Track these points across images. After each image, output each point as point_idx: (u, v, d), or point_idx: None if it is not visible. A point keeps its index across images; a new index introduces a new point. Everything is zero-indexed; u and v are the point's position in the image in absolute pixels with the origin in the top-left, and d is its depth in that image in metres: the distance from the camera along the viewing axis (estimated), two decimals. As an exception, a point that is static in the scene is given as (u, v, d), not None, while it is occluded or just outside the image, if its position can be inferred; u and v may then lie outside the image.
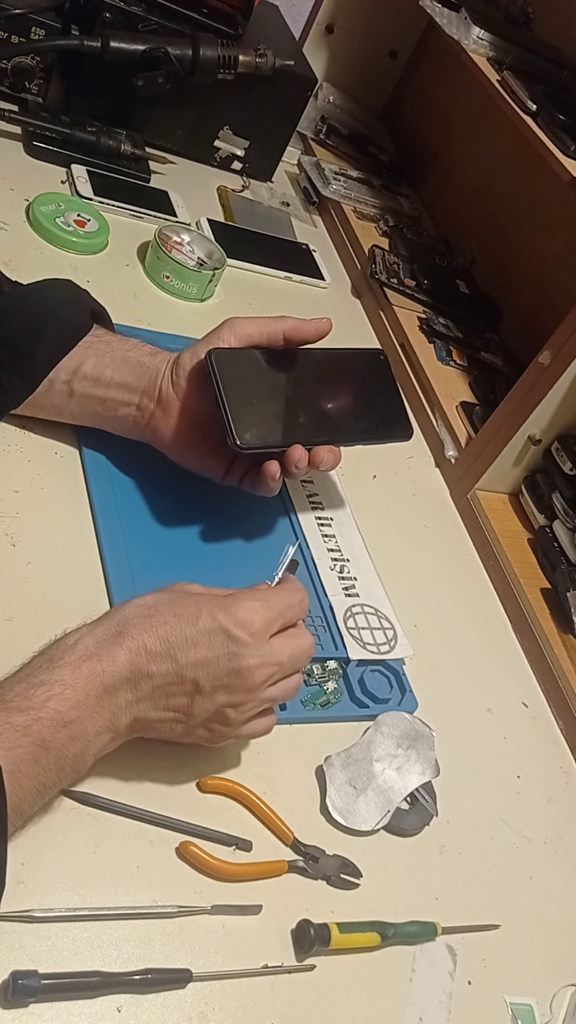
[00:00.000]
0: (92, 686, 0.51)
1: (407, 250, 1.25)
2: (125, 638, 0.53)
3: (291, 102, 1.20)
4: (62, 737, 0.50)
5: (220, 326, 0.72)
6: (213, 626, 0.54)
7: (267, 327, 0.72)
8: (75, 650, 0.52)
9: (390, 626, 0.76)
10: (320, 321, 0.74)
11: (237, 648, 0.55)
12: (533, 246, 1.21)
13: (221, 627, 0.55)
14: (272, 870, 0.59)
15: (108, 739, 0.53)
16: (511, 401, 0.93)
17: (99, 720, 0.52)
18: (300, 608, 0.60)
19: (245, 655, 0.55)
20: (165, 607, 0.55)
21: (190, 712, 0.55)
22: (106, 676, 0.52)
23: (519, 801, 0.73)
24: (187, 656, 0.54)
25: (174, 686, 0.54)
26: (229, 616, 0.55)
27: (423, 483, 0.98)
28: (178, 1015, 0.51)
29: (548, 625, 0.86)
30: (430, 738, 0.70)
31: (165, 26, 1.06)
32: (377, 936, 0.58)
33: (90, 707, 0.51)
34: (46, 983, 0.48)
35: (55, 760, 0.50)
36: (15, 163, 1.03)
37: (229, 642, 0.55)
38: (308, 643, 0.60)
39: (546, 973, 0.64)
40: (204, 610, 0.55)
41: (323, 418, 0.76)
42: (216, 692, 0.55)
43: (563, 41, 1.21)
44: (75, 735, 0.50)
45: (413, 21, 1.40)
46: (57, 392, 0.70)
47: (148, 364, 0.71)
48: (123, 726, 0.54)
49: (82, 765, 0.52)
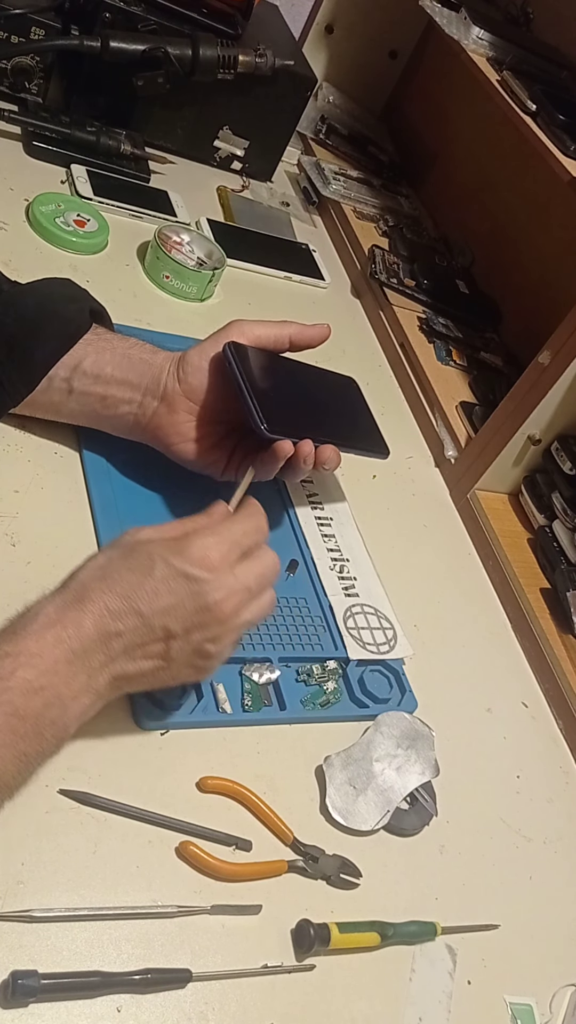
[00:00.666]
0: (59, 652, 0.51)
1: (407, 250, 1.25)
2: (86, 602, 0.53)
3: (291, 102, 1.20)
4: (36, 704, 0.50)
5: (227, 327, 0.72)
6: (169, 572, 0.54)
7: (273, 330, 0.73)
8: (37, 619, 0.52)
9: (390, 626, 0.76)
10: (321, 327, 0.76)
11: (199, 587, 0.54)
12: (533, 246, 1.21)
13: (178, 571, 0.54)
14: (272, 870, 0.59)
15: (89, 701, 0.53)
16: (511, 401, 0.93)
17: (74, 684, 0.52)
18: (257, 531, 0.60)
19: (208, 591, 0.55)
20: (119, 563, 0.55)
21: (169, 657, 0.55)
22: (73, 641, 0.52)
23: (519, 801, 0.73)
24: (151, 606, 0.54)
25: (146, 637, 0.54)
26: (183, 558, 0.55)
27: (423, 483, 0.98)
28: (178, 1015, 0.51)
29: (548, 625, 0.86)
30: (430, 738, 0.70)
31: (165, 26, 1.06)
32: (377, 936, 0.58)
33: (60, 673, 0.51)
34: (46, 983, 0.48)
35: (33, 728, 0.50)
36: (15, 163, 1.03)
37: (189, 583, 0.54)
38: (271, 560, 0.60)
39: (546, 973, 0.64)
40: (157, 558, 0.55)
41: (324, 420, 0.77)
42: (190, 633, 0.55)
43: (563, 41, 1.21)
44: (50, 701, 0.50)
45: (413, 21, 1.40)
46: (56, 390, 0.70)
47: (150, 361, 0.71)
48: (102, 686, 0.53)
49: (64, 730, 0.52)
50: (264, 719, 0.66)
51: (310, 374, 0.80)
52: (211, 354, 0.71)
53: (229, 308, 1.03)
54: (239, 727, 0.65)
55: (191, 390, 0.71)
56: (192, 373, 0.71)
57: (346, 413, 0.82)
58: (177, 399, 0.71)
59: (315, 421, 0.76)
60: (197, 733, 0.63)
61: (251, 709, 0.66)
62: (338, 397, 0.82)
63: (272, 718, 0.67)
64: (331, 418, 0.79)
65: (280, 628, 0.72)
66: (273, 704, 0.67)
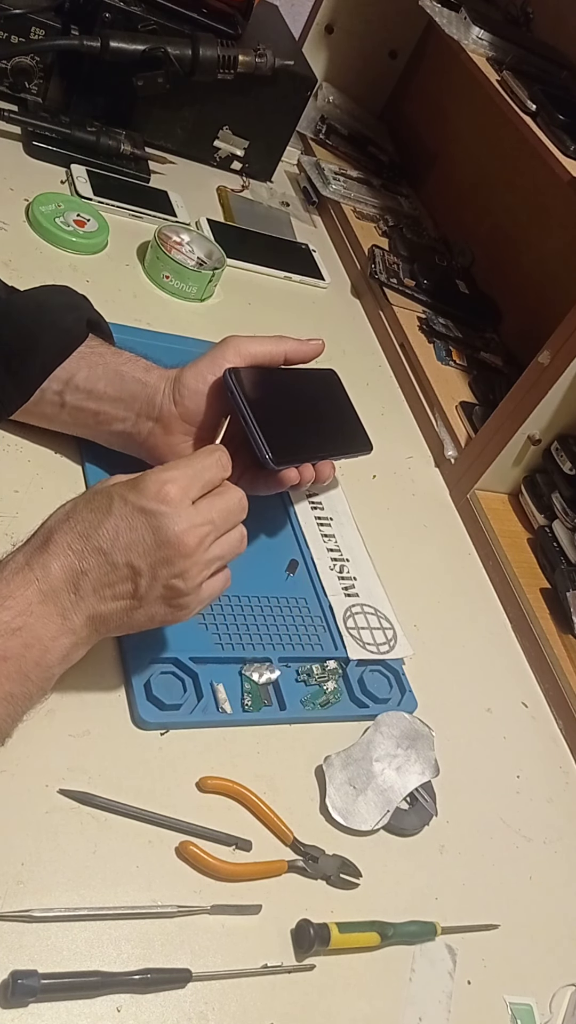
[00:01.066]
0: (30, 593, 0.52)
1: (407, 250, 1.25)
2: (51, 544, 0.54)
3: (291, 102, 1.20)
4: (16, 644, 0.51)
5: (223, 345, 0.71)
6: (127, 508, 0.55)
7: (268, 347, 0.72)
8: (7, 567, 0.53)
9: (390, 626, 0.76)
10: (316, 342, 0.75)
11: (158, 521, 0.55)
12: (533, 246, 1.21)
13: (136, 506, 0.55)
14: (272, 870, 0.59)
15: (70, 642, 0.54)
16: (511, 401, 0.93)
17: (51, 625, 0.53)
18: (218, 466, 0.60)
19: (168, 525, 0.55)
20: (81, 505, 0.56)
21: (139, 595, 0.55)
22: (42, 583, 0.53)
23: (519, 801, 0.73)
24: (112, 544, 0.54)
25: (111, 575, 0.54)
26: (140, 494, 0.55)
27: (423, 483, 0.98)
28: (178, 1015, 0.51)
29: (548, 625, 0.86)
30: (430, 738, 0.70)
31: (165, 26, 1.06)
32: (377, 936, 0.58)
33: (35, 613, 0.52)
34: (46, 983, 0.48)
35: (16, 668, 0.51)
36: (15, 163, 1.03)
37: (148, 517, 0.55)
38: (236, 496, 0.60)
39: (546, 973, 0.64)
40: (115, 496, 0.55)
41: (318, 434, 0.78)
42: (156, 568, 0.55)
43: (563, 41, 1.21)
44: (29, 642, 0.51)
45: (413, 21, 1.40)
46: (48, 403, 0.70)
47: (144, 381, 0.70)
48: (79, 626, 0.54)
49: (48, 671, 0.53)
50: (264, 719, 0.66)
51: (297, 381, 0.78)
52: (208, 377, 0.70)
53: (229, 308, 1.03)
54: (239, 727, 0.65)
55: (187, 413, 0.70)
56: (189, 396, 0.70)
57: (333, 417, 0.82)
58: (173, 421, 0.70)
59: (311, 439, 0.76)
60: (197, 733, 0.63)
61: (251, 709, 0.66)
62: (324, 399, 0.82)
63: (272, 718, 0.67)
64: (323, 428, 0.80)
65: (280, 628, 0.72)
66: (273, 704, 0.67)
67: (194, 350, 0.74)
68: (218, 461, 0.60)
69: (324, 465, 0.75)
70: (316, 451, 0.75)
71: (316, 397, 0.81)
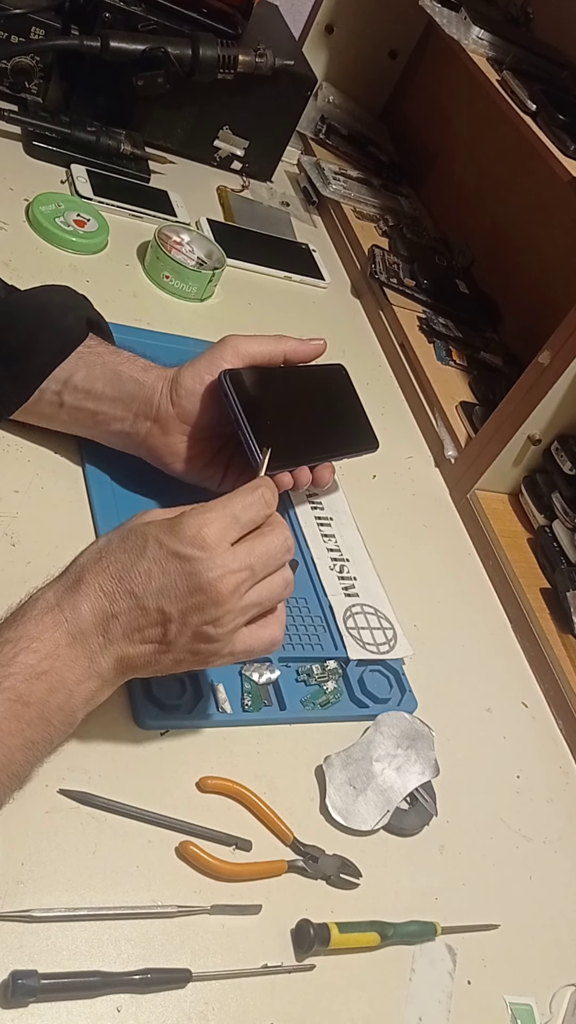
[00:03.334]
0: (59, 635, 0.51)
1: (407, 250, 1.25)
2: (82, 584, 0.53)
3: (291, 102, 1.20)
4: (40, 689, 0.49)
5: (221, 345, 0.70)
6: (162, 552, 0.53)
7: (267, 347, 0.71)
8: (36, 605, 0.52)
9: (390, 626, 0.76)
10: (317, 342, 0.74)
11: (191, 566, 0.53)
12: (533, 246, 1.21)
13: (170, 550, 0.53)
14: (272, 870, 0.59)
15: (96, 686, 0.53)
16: (511, 401, 0.93)
17: (77, 668, 0.51)
18: (261, 504, 0.57)
19: (202, 571, 0.53)
20: (115, 544, 0.54)
21: (167, 640, 0.54)
22: (71, 624, 0.51)
23: (519, 801, 0.73)
24: (144, 587, 0.53)
25: (142, 619, 0.53)
26: (175, 537, 0.53)
27: (423, 483, 0.98)
28: (178, 1015, 0.51)
29: (548, 625, 0.86)
30: (430, 738, 0.70)
31: (165, 26, 1.06)
32: (377, 936, 0.58)
33: (62, 656, 0.51)
34: (46, 983, 0.48)
35: (38, 714, 0.49)
36: (15, 163, 1.03)
37: (182, 562, 0.53)
38: (280, 538, 0.57)
39: (546, 973, 0.64)
40: (150, 537, 0.54)
41: (315, 435, 0.77)
42: (187, 614, 0.53)
43: (563, 41, 1.21)
44: (54, 686, 0.50)
45: (413, 21, 1.40)
46: (47, 402, 0.70)
47: (143, 380, 0.70)
48: (106, 670, 0.53)
49: (71, 716, 0.52)
50: (264, 719, 0.66)
51: (300, 380, 0.78)
52: (205, 377, 0.69)
53: (229, 308, 1.03)
54: (239, 727, 0.65)
55: (185, 413, 0.70)
56: (186, 397, 0.69)
57: (337, 415, 0.81)
58: (171, 421, 0.70)
59: (310, 441, 0.76)
60: (197, 733, 0.63)
61: (251, 709, 0.66)
62: (329, 397, 0.81)
63: (272, 718, 0.67)
64: (325, 429, 0.79)
65: (280, 628, 0.72)
66: (273, 704, 0.67)
67: (194, 350, 0.74)
68: (261, 498, 0.57)
69: (323, 469, 0.74)
70: (315, 453, 0.75)
71: (320, 396, 0.80)
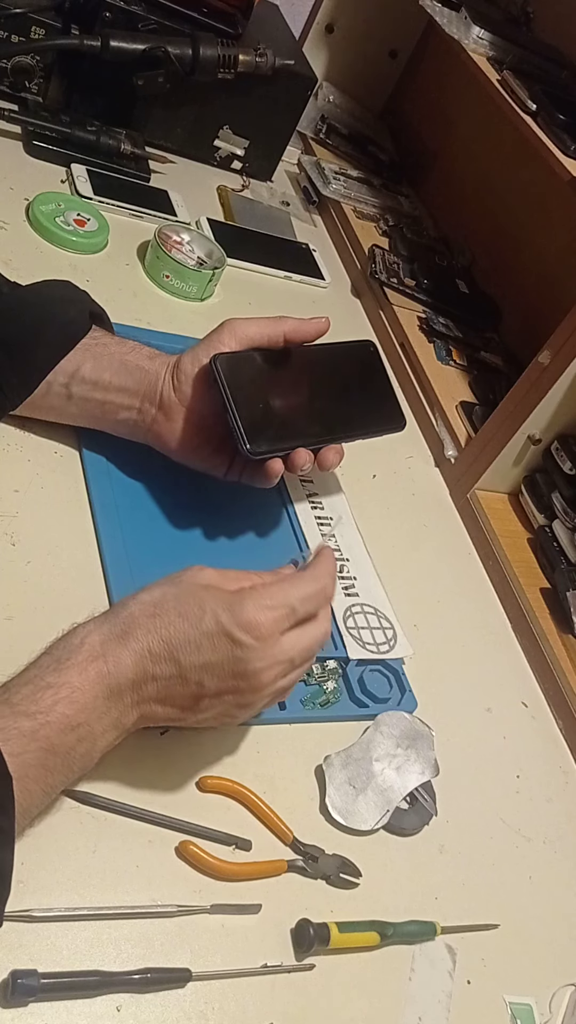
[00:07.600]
0: (99, 688, 0.51)
1: (407, 250, 1.25)
2: (130, 639, 0.53)
3: (291, 102, 1.20)
4: (70, 740, 0.50)
5: (220, 328, 0.71)
6: (217, 628, 0.53)
7: (267, 328, 0.72)
8: (81, 650, 0.52)
9: (389, 626, 0.76)
10: (319, 320, 0.74)
11: (242, 653, 0.53)
12: (533, 246, 1.21)
13: (225, 630, 0.53)
14: (271, 869, 0.59)
15: (114, 736, 0.53)
16: (511, 401, 0.93)
17: (106, 720, 0.52)
18: (320, 597, 0.58)
19: (251, 659, 0.54)
20: (171, 605, 0.54)
21: (196, 708, 0.55)
22: (111, 678, 0.52)
23: (518, 801, 0.73)
24: (190, 659, 0.53)
25: (178, 688, 0.54)
26: (233, 618, 0.53)
27: (423, 483, 0.98)
28: (177, 1014, 0.51)
29: (548, 625, 0.86)
30: (429, 738, 0.70)
31: (165, 25, 1.06)
32: (376, 936, 0.58)
33: (97, 709, 0.51)
34: (45, 982, 0.48)
35: (63, 762, 0.50)
36: (15, 162, 1.03)
37: (234, 646, 0.53)
38: (322, 633, 0.58)
39: (545, 973, 0.64)
40: (208, 610, 0.54)
41: (324, 416, 0.76)
42: (222, 694, 0.55)
43: (563, 41, 1.21)
44: (83, 737, 0.50)
45: (413, 21, 1.40)
46: (55, 395, 0.70)
47: (147, 368, 0.71)
48: (130, 724, 0.54)
49: (89, 763, 0.52)
50: (264, 719, 0.66)
51: (314, 359, 0.76)
52: (203, 361, 0.70)
53: (229, 308, 1.03)
54: (239, 727, 0.65)
55: (185, 398, 0.70)
56: (185, 381, 0.70)
57: (356, 393, 0.79)
58: (174, 407, 0.70)
59: (314, 423, 0.75)
60: (197, 733, 0.63)
61: (251, 709, 0.66)
62: (347, 377, 0.79)
63: (272, 718, 0.67)
64: (337, 409, 0.77)
65: (280, 628, 0.72)
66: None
67: (194, 350, 0.74)
68: (323, 592, 0.58)
69: (327, 451, 0.74)
70: (317, 435, 0.73)
71: (334, 374, 0.78)
